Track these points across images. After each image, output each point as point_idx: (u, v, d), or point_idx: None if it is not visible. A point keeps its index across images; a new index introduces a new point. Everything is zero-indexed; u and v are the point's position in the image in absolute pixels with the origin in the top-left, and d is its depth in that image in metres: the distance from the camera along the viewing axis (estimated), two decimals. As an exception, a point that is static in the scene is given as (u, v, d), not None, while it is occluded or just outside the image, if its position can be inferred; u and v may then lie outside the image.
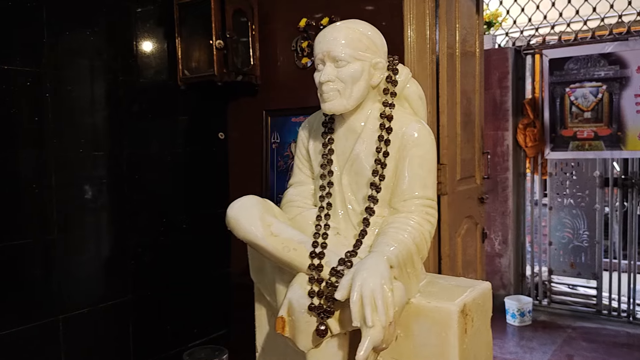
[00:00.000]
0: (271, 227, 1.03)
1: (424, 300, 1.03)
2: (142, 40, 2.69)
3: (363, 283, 0.89)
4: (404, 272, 1.01)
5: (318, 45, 1.11)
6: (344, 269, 1.01)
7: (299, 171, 1.24)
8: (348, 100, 1.09)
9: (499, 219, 4.65)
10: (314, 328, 0.99)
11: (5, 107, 2.17)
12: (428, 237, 1.09)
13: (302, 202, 1.19)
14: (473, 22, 2.90)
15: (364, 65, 1.09)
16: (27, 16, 2.24)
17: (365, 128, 1.13)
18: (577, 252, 4.54)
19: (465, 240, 2.79)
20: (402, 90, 1.17)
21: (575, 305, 4.54)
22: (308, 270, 1.02)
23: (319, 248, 1.04)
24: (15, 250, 2.22)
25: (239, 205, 1.08)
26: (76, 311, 2.42)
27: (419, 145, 1.09)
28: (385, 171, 1.09)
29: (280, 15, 2.85)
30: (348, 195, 1.13)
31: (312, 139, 1.21)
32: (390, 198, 1.11)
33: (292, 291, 1.01)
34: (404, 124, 1.12)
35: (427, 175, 1.09)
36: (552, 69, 4.41)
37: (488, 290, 1.13)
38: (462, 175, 2.74)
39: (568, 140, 4.40)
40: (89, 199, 2.48)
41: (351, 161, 1.13)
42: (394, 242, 0.99)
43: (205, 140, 3.02)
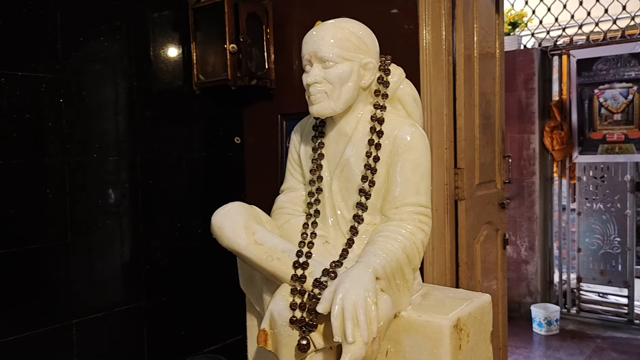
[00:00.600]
0: (255, 235, 0.99)
1: (415, 314, 0.98)
2: (157, 46, 2.69)
3: (345, 295, 0.84)
4: (393, 284, 0.96)
5: (305, 46, 1.07)
6: (327, 280, 0.96)
7: (291, 176, 1.20)
8: (336, 102, 1.04)
9: (525, 224, 4.53)
10: (296, 342, 0.94)
11: (20, 113, 2.19)
12: (421, 247, 1.03)
13: (292, 208, 1.14)
14: (492, 22, 2.82)
15: (353, 66, 1.04)
16: (41, 22, 2.26)
17: (356, 131, 1.08)
18: (608, 259, 4.38)
19: (485, 247, 2.71)
20: (395, 92, 1.12)
21: (606, 315, 4.38)
22: (291, 281, 0.98)
23: (303, 258, 1.00)
24: (29, 254, 2.23)
25: (224, 212, 1.04)
26: (90, 315, 2.43)
27: (412, 150, 1.04)
28: (375, 177, 1.04)
29: (295, 17, 2.82)
30: (338, 201, 1.08)
31: (304, 143, 1.17)
32: (382, 205, 1.05)
33: (274, 303, 0.97)
34: (396, 126, 1.06)
35: (420, 181, 1.03)
36: (580, 69, 4.28)
37: (487, 303, 1.06)
38: (481, 180, 2.66)
39: (597, 143, 4.26)
40: (103, 204, 2.49)
41: (341, 166, 1.08)
42: (381, 252, 0.94)
43: (220, 144, 3.01)
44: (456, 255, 2.52)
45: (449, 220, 2.46)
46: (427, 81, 2.38)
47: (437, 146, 2.41)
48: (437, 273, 2.41)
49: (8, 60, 2.16)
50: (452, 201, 2.48)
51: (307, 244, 1.03)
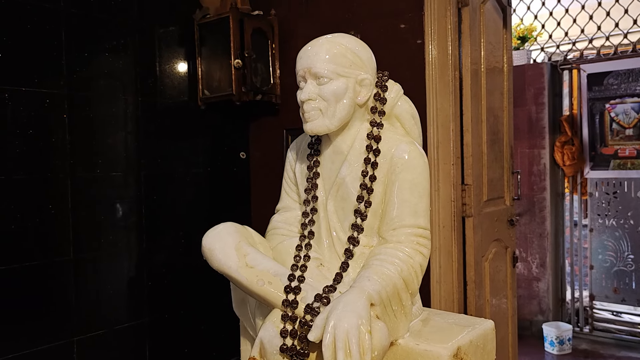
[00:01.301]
0: (247, 257, 0.95)
1: (413, 342, 0.93)
2: (162, 61, 2.69)
3: (337, 323, 0.80)
4: (389, 310, 0.91)
5: (299, 61, 1.04)
6: (320, 306, 0.92)
7: (286, 195, 1.16)
8: (331, 120, 1.01)
9: (536, 240, 4.45)
10: (287, 371, 0.90)
11: (23, 129, 2.19)
12: (419, 270, 0.98)
13: (287, 229, 1.10)
14: (500, 37, 2.78)
15: (349, 82, 1.01)
16: (46, 38, 2.26)
17: (352, 150, 1.04)
18: (621, 277, 4.28)
19: (494, 265, 2.65)
20: (393, 109, 1.08)
21: (620, 334, 4.27)
22: (282, 306, 0.94)
23: (295, 282, 0.96)
24: (31, 271, 2.21)
25: (214, 233, 1.01)
26: (91, 333, 2.40)
27: (410, 169, 0.99)
28: (372, 197, 1.00)
29: (301, 32, 2.81)
30: (334, 222, 1.04)
31: (299, 161, 1.14)
32: (379, 226, 1.01)
33: (264, 330, 0.93)
34: (393, 145, 1.02)
35: (419, 202, 0.99)
36: (590, 84, 4.22)
37: (490, 330, 1.01)
38: (489, 196, 2.61)
39: (609, 158, 4.19)
40: (106, 220, 2.47)
41: (337, 186, 1.04)
42: (377, 277, 0.90)
43: (226, 159, 2.99)
44: (464, 274, 2.46)
45: (456, 237, 2.41)
46: (433, 96, 2.35)
47: (444, 162, 2.37)
48: (444, 292, 2.36)
49: (12, 75, 2.16)
50: (460, 218, 2.43)
51: (300, 267, 0.99)
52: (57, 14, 2.28)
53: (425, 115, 2.34)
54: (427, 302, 2.28)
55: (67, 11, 2.31)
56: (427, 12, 2.36)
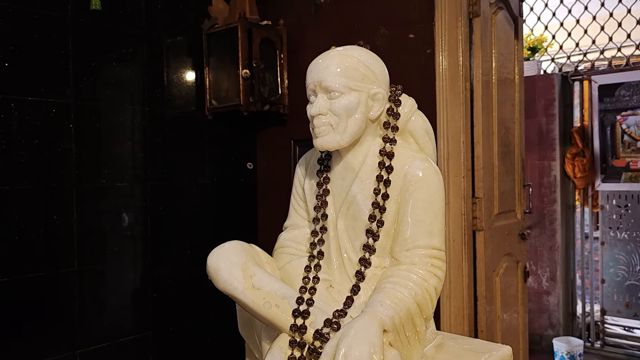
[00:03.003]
0: (253, 278, 0.92)
1: (427, 372, 0.89)
2: (170, 71, 2.67)
3: (347, 352, 0.75)
4: (402, 336, 0.87)
5: (309, 75, 1.00)
6: (329, 331, 0.88)
7: (295, 213, 1.12)
8: (342, 135, 0.97)
9: (547, 254, 4.38)
10: (295, 401, 0.86)
11: (28, 138, 2.17)
12: (434, 294, 0.94)
13: (295, 248, 1.07)
14: (511, 48, 2.74)
15: (361, 97, 0.97)
16: (53, 48, 2.24)
17: (363, 166, 1.00)
18: (633, 291, 4.19)
19: (505, 279, 2.59)
20: (406, 124, 1.04)
21: (632, 349, 4.18)
22: (290, 331, 0.90)
23: (303, 305, 0.92)
24: (35, 282, 2.19)
25: (220, 252, 0.97)
26: (95, 345, 2.36)
27: (424, 187, 0.95)
28: (384, 216, 0.96)
29: (309, 43, 2.78)
30: (344, 242, 1.00)
31: (308, 177, 1.10)
32: (391, 247, 0.97)
33: (271, 356, 0.89)
34: (407, 162, 0.98)
35: (433, 222, 0.95)
36: (601, 95, 4.17)
37: (508, 357, 0.97)
38: (500, 210, 2.56)
39: (620, 171, 4.13)
40: (111, 231, 2.44)
41: (348, 204, 1.01)
42: (389, 301, 0.85)
43: (233, 170, 2.95)
44: (474, 289, 2.41)
45: (466, 252, 2.36)
46: (444, 108, 2.31)
47: (454, 174, 2.33)
48: (455, 307, 2.31)
49: (18, 85, 2.14)
50: (470, 232, 2.38)
51: (309, 290, 0.95)
52: (64, 23, 2.26)
53: (436, 127, 2.30)
54: (437, 318, 2.23)
55: (75, 20, 2.29)
56: (438, 22, 2.33)
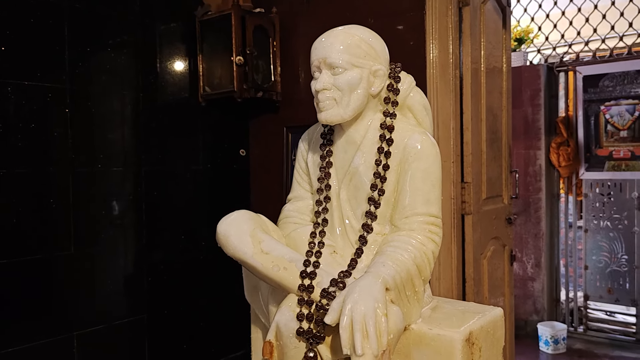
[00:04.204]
0: (262, 244, 0.97)
1: (426, 327, 0.95)
2: (164, 57, 2.70)
3: (354, 306, 0.81)
4: (403, 296, 0.93)
5: (314, 52, 1.05)
6: (335, 290, 0.94)
7: (298, 185, 1.18)
8: (345, 109, 1.02)
9: (532, 241, 4.48)
10: (302, 354, 0.92)
11: (25, 123, 2.19)
12: (431, 258, 1.00)
13: (299, 218, 1.12)
14: (499, 37, 2.81)
15: (363, 73, 1.03)
16: (48, 33, 2.26)
17: (365, 139, 1.06)
18: (615, 277, 4.31)
19: (492, 262, 2.67)
20: (405, 100, 1.10)
21: (614, 334, 4.30)
22: (298, 291, 0.95)
23: (310, 267, 0.97)
24: (32, 265, 2.21)
25: (230, 220, 1.02)
26: (91, 328, 2.40)
27: (422, 158, 1.02)
28: (385, 185, 1.02)
29: (302, 31, 2.82)
30: (346, 211, 1.06)
31: (311, 151, 1.15)
32: (391, 214, 1.03)
33: (280, 314, 0.94)
34: (406, 135, 1.04)
35: (431, 191, 1.01)
36: (586, 86, 4.26)
37: (499, 317, 1.03)
38: (487, 195, 2.63)
39: (603, 160, 4.23)
40: (107, 215, 2.47)
41: (350, 175, 1.06)
42: (391, 262, 0.92)
43: (226, 156, 2.99)
44: (463, 271, 2.48)
45: (455, 234, 2.43)
46: (434, 95, 2.37)
47: (444, 159, 2.38)
48: (444, 289, 2.38)
49: (15, 69, 2.16)
50: (459, 215, 2.45)
51: (315, 254, 1.00)
52: (60, 9, 2.28)
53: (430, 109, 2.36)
54: (426, 299, 2.30)
55: (71, 6, 2.31)
56: (429, 11, 2.39)
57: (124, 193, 2.53)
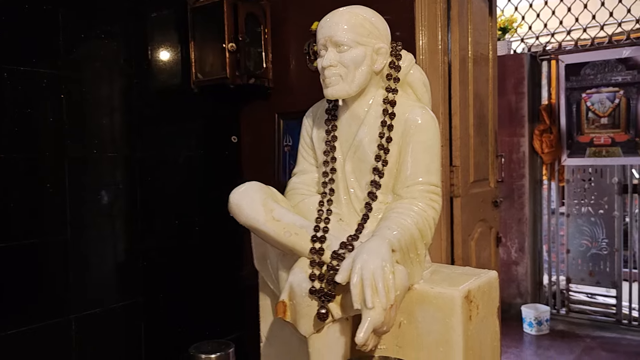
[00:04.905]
0: (273, 212, 1.03)
1: (428, 287, 1.02)
2: (156, 44, 2.72)
3: (363, 265, 0.88)
4: (407, 257, 1.00)
5: (320, 31, 1.11)
6: (345, 252, 1.00)
7: (303, 160, 1.24)
8: (350, 85, 1.09)
9: (515, 226, 4.60)
10: (315, 312, 0.98)
11: (21, 108, 2.21)
12: (432, 223, 1.07)
13: (306, 189, 1.18)
14: (486, 25, 2.88)
15: (367, 51, 1.09)
16: (43, 19, 2.28)
17: (368, 114, 1.12)
18: (596, 261, 4.45)
19: (479, 244, 2.76)
20: (406, 77, 1.17)
21: (595, 315, 4.45)
22: (309, 254, 1.01)
23: (320, 232, 1.04)
24: (29, 249, 2.24)
25: (242, 190, 1.08)
26: (88, 311, 2.43)
27: (423, 131, 1.09)
28: (388, 157, 1.08)
29: (292, 18, 2.87)
30: (351, 181, 1.13)
31: (316, 127, 1.21)
32: (394, 184, 1.10)
33: (293, 275, 1.00)
34: (407, 110, 1.11)
35: (431, 161, 1.08)
36: (568, 74, 4.37)
37: (494, 279, 1.11)
38: (475, 178, 2.71)
39: (585, 146, 4.35)
40: (102, 200, 2.50)
41: (354, 147, 1.13)
42: (396, 227, 0.98)
43: (218, 143, 3.03)
44: (452, 252, 2.56)
45: (444, 217, 2.50)
46: (424, 80, 2.43)
47: (433, 144, 2.46)
48: (433, 268, 2.45)
49: (10, 55, 2.17)
50: (448, 198, 2.53)
51: (324, 220, 1.07)
52: (55, -5, 2.30)
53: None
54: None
55: (65, -8, 2.33)
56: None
57: (119, 179, 2.56)
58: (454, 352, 0.96)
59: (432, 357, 0.99)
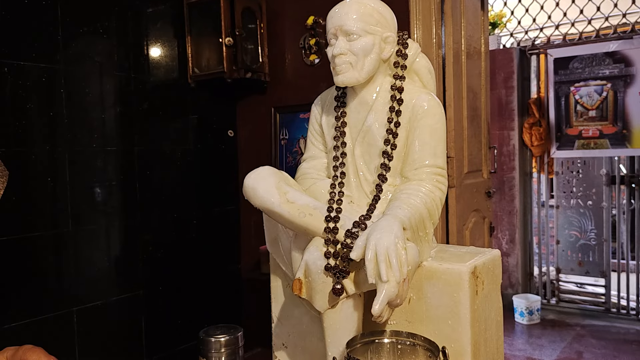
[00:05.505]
0: (287, 194, 1.07)
1: (436, 263, 1.07)
2: (152, 40, 2.75)
3: (377, 242, 0.92)
4: (417, 235, 1.05)
5: (330, 21, 1.15)
6: (358, 230, 1.05)
7: (312, 146, 1.28)
8: (360, 72, 1.13)
9: (506, 218, 4.67)
10: (330, 289, 1.02)
11: (21, 102, 2.22)
12: (439, 203, 1.12)
13: (316, 174, 1.23)
14: (478, 19, 2.94)
15: (375, 39, 1.13)
16: (42, 14, 2.29)
17: (376, 101, 1.17)
18: (585, 251, 4.54)
19: (473, 233, 2.82)
20: (412, 64, 1.21)
21: (584, 304, 4.54)
22: (324, 233, 1.06)
23: (333, 212, 1.08)
24: (32, 242, 2.26)
25: (256, 174, 1.12)
26: (90, 303, 2.46)
27: (429, 116, 1.13)
28: (396, 140, 1.13)
29: (288, 13, 2.90)
30: (360, 165, 1.17)
31: (325, 113, 1.25)
32: (402, 167, 1.15)
33: (308, 253, 1.05)
34: (414, 95, 1.16)
35: (438, 144, 1.13)
36: (556, 68, 4.45)
37: (497, 257, 1.16)
38: (469, 169, 2.77)
39: (573, 139, 4.43)
40: (101, 194, 2.52)
41: (363, 133, 1.17)
42: (406, 206, 1.03)
43: (214, 137, 3.06)
44: (447, 241, 2.62)
45: (440, 206, 2.56)
46: (419, 73, 2.48)
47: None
48: (430, 257, 2.51)
49: (11, 50, 2.19)
50: (443, 188, 2.58)
51: (336, 201, 1.11)
52: (53, -11, 2.32)
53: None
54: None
55: (64, -13, 2.35)
56: (413, -8, 2.49)
57: (118, 172, 2.58)
58: (461, 325, 1.01)
59: (441, 331, 1.04)
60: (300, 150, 2.91)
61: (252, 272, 3.12)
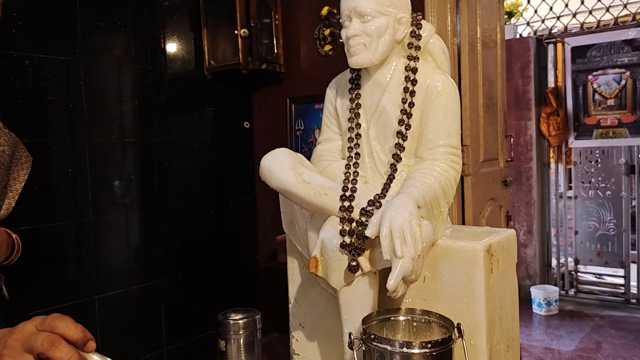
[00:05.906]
0: (303, 175, 1.08)
1: (451, 242, 1.08)
2: (169, 32, 2.78)
3: (392, 219, 0.94)
4: (431, 214, 1.06)
5: (344, 3, 1.16)
6: (373, 209, 1.06)
7: (327, 129, 1.29)
8: (374, 53, 1.14)
9: (524, 209, 4.64)
10: (345, 266, 1.04)
11: (42, 95, 2.27)
12: (453, 183, 1.13)
13: (331, 156, 1.24)
14: (494, 8, 2.92)
15: (389, 20, 1.14)
16: (62, 7, 2.33)
17: (390, 82, 1.18)
18: (604, 241, 4.50)
19: (490, 222, 2.81)
20: (426, 45, 1.22)
21: (603, 295, 4.50)
22: (339, 212, 1.07)
23: (349, 192, 1.10)
24: (55, 232, 2.31)
25: (272, 156, 1.14)
26: (111, 292, 2.50)
27: (443, 96, 1.14)
28: (411, 121, 1.14)
29: (303, 4, 2.91)
30: (375, 146, 1.18)
31: (340, 96, 1.27)
32: (416, 148, 1.16)
33: (324, 231, 1.06)
34: (428, 76, 1.16)
35: (452, 124, 1.14)
36: (574, 57, 4.40)
37: (513, 237, 1.16)
38: (485, 158, 2.76)
39: (592, 128, 4.39)
40: (121, 186, 2.56)
41: (378, 114, 1.18)
42: (420, 185, 1.04)
43: (231, 129, 3.09)
44: (463, 229, 2.61)
45: (456, 195, 2.55)
46: (434, 61, 2.48)
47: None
48: (446, 245, 2.51)
49: (32, 44, 2.23)
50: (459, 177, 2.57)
51: (352, 181, 1.13)
52: (72, -17, 2.35)
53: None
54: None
55: (81, -19, 2.38)
56: (427, -19, 2.49)
57: (137, 164, 2.62)
58: (476, 302, 1.02)
59: (456, 308, 1.04)
60: (316, 141, 2.92)
61: (269, 262, 3.15)
